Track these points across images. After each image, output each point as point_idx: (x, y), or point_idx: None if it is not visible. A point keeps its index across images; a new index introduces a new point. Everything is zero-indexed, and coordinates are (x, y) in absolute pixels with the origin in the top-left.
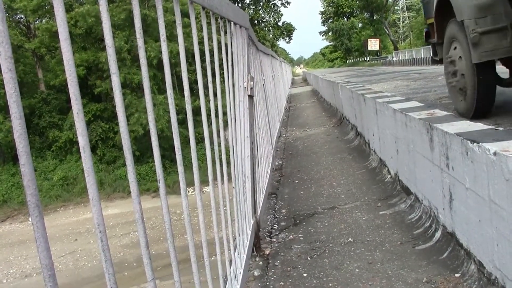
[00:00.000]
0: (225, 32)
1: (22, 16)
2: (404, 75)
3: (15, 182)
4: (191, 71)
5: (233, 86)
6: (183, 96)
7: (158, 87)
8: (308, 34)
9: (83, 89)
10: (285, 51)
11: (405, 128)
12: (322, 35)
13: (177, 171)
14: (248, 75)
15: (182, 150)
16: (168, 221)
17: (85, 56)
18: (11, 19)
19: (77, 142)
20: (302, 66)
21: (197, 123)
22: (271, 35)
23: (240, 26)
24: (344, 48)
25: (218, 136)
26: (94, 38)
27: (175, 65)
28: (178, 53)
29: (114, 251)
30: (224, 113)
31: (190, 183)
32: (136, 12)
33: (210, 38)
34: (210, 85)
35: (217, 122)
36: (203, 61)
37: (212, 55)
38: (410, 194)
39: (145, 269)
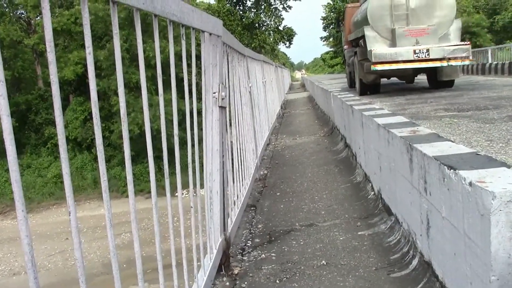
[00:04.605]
0: (181, 38)
1: (23, 11)
2: (408, 86)
3: (8, 178)
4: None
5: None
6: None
7: (156, 88)
8: (309, 39)
9: (81, 87)
10: (286, 55)
11: (387, 145)
12: (323, 41)
13: (175, 173)
14: (219, 85)
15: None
16: (135, 230)
17: (83, 54)
18: (11, 14)
19: (73, 140)
20: (303, 71)
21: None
22: (271, 39)
23: (210, 34)
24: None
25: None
26: (93, 36)
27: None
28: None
29: (105, 252)
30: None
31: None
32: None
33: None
34: (161, 99)
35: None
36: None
37: (178, 65)
38: (391, 215)
39: None
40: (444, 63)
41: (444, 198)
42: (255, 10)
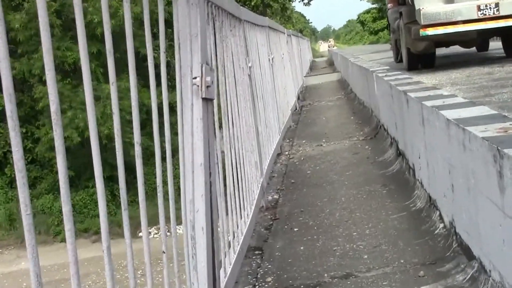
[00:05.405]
0: None
1: None
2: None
3: None
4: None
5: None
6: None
7: (105, 71)
8: None
9: None
10: (304, 17)
11: (463, 151)
12: None
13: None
14: (202, 66)
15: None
16: None
17: None
18: None
19: None
20: (331, 42)
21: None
22: None
23: None
24: None
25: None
26: None
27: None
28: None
29: None
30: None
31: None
32: None
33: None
34: (113, 88)
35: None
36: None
37: (138, 36)
38: (472, 259)
39: None
40: None
41: None
42: None
